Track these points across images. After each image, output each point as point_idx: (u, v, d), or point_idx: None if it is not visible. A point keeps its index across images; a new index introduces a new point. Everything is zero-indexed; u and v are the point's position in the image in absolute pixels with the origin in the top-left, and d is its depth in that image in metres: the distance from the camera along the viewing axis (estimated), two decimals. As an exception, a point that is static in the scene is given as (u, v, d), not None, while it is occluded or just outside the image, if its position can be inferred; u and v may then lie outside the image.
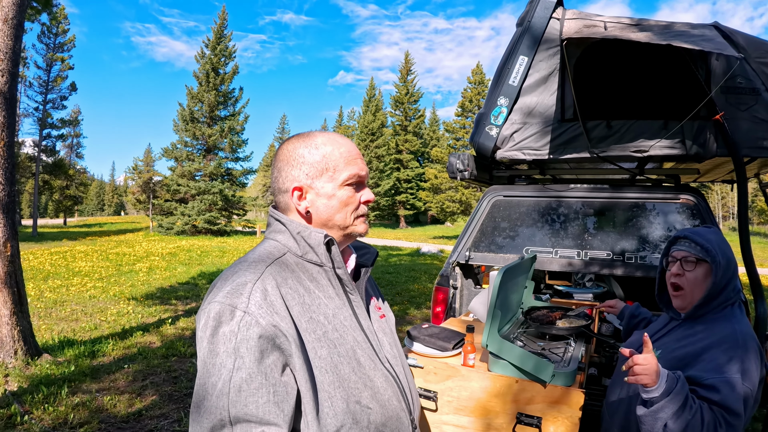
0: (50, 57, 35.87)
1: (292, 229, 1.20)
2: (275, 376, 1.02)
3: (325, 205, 1.22)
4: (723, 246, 1.84)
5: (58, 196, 41.40)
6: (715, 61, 3.38)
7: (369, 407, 1.12)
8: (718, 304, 1.82)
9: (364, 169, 1.26)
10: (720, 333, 1.75)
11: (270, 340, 1.02)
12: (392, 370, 1.23)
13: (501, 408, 1.85)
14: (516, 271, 2.26)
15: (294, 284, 1.13)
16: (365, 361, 1.15)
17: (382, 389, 1.16)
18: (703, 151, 3.38)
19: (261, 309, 1.03)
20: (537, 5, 3.66)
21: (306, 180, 1.22)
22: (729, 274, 1.81)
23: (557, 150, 3.59)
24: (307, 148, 1.23)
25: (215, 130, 34.37)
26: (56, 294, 10.75)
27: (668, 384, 1.57)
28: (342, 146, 1.24)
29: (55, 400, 4.81)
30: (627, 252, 3.43)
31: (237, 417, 0.98)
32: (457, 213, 39.94)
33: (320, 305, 1.14)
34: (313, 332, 1.09)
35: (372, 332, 1.24)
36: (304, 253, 1.19)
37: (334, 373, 1.09)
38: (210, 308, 1.04)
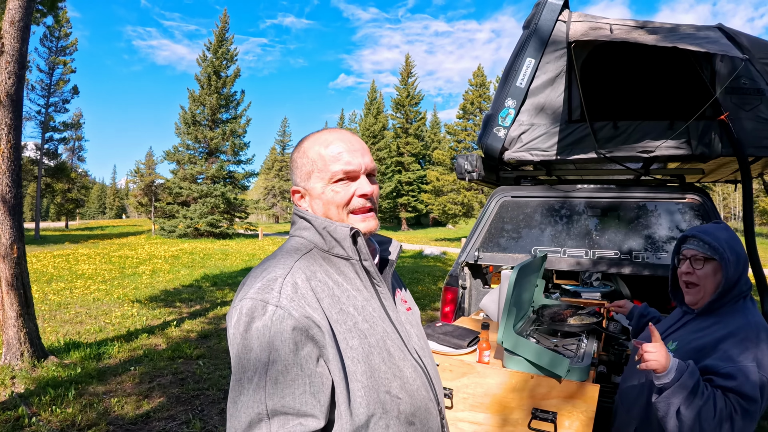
0: (52, 60, 35.91)
1: (317, 225, 1.21)
2: (311, 367, 1.03)
3: (318, 205, 1.24)
4: (731, 242, 1.88)
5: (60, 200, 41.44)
6: (719, 62, 3.41)
7: (399, 397, 1.13)
8: (731, 298, 1.87)
9: (353, 162, 1.22)
10: (734, 324, 1.81)
11: (303, 332, 1.03)
12: (420, 361, 1.24)
13: (516, 404, 1.87)
14: (528, 269, 2.29)
15: (323, 277, 1.14)
16: (395, 352, 1.17)
17: (411, 379, 1.17)
18: (709, 150, 3.41)
19: (293, 302, 1.04)
20: (543, 8, 3.69)
21: (301, 183, 1.26)
22: (740, 268, 1.85)
23: (565, 151, 3.61)
24: (298, 152, 1.27)
25: (217, 133, 34.40)
26: (60, 296, 10.78)
27: (678, 370, 1.66)
28: (330, 144, 1.23)
29: (62, 402, 4.83)
30: (634, 251, 3.45)
31: (275, 410, 0.98)
32: (458, 215, 39.94)
33: (349, 297, 1.16)
34: (344, 323, 1.11)
35: (400, 323, 1.25)
36: (331, 248, 1.20)
37: (365, 363, 1.10)
38: (242, 305, 1.05)
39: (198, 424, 4.38)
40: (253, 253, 21.94)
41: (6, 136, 5.84)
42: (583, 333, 2.34)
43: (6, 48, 5.86)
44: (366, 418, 1.08)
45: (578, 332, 2.32)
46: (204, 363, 6.18)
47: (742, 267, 1.86)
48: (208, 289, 12.05)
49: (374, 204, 1.27)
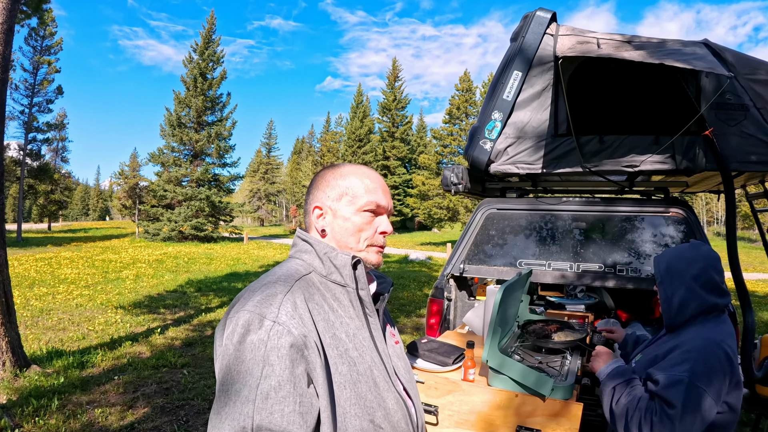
0: (37, 60, 35.52)
1: (319, 249, 1.24)
2: (302, 386, 1.03)
3: (341, 227, 1.27)
4: (676, 262, 2.05)
5: (42, 201, 40.90)
6: (705, 78, 3.47)
7: (381, 427, 1.14)
8: (687, 316, 1.99)
9: (385, 200, 1.31)
10: (684, 338, 1.95)
11: (300, 350, 1.04)
12: (404, 394, 1.26)
13: (501, 422, 1.88)
14: (513, 286, 2.30)
15: (320, 301, 1.16)
16: (380, 382, 1.18)
17: (393, 411, 1.18)
18: (693, 165, 3.46)
19: (293, 319, 1.06)
20: (531, 21, 3.72)
21: (327, 201, 1.29)
22: (682, 289, 2.00)
23: (550, 164, 3.65)
24: (333, 174, 1.31)
25: (202, 135, 34.26)
26: (42, 302, 10.65)
27: (606, 374, 2.05)
28: (366, 177, 1.31)
29: (45, 413, 4.76)
30: (619, 264, 3.49)
31: (260, 426, 0.97)
32: (444, 219, 40.08)
33: (342, 323, 1.17)
34: (336, 348, 1.12)
35: (387, 355, 1.27)
36: (329, 274, 1.22)
37: (352, 390, 1.11)
38: (239, 316, 1.05)
39: (182, 435, 4.35)
40: (238, 257, 21.83)
41: (-12, 140, 5.77)
42: (567, 350, 2.36)
43: (-11, 52, 5.79)
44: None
45: (563, 349, 2.34)
46: (189, 372, 6.14)
47: (686, 288, 1.98)
48: (193, 295, 11.97)
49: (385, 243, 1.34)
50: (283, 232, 51.79)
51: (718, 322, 1.97)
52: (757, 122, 3.39)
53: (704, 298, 1.97)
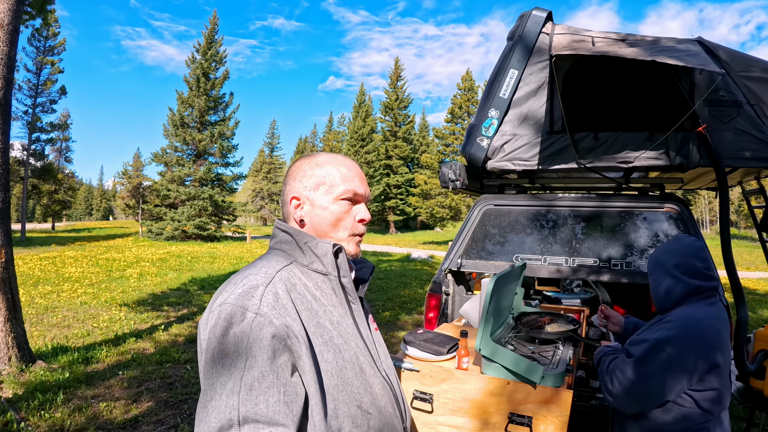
0: (40, 60, 35.71)
1: (299, 239, 1.25)
2: (286, 376, 1.04)
3: (319, 216, 1.28)
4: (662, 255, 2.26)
5: (46, 201, 41.13)
6: (698, 75, 3.51)
7: (369, 412, 1.16)
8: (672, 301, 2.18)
9: (362, 188, 1.32)
10: (669, 317, 2.12)
11: (282, 341, 1.05)
12: (388, 379, 1.28)
13: (494, 408, 1.94)
14: (507, 278, 2.36)
15: (302, 290, 1.18)
16: (366, 368, 1.20)
17: (380, 396, 1.21)
18: (687, 161, 3.51)
19: (274, 310, 1.07)
20: (527, 20, 3.78)
21: (304, 191, 1.30)
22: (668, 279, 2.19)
23: (546, 161, 3.70)
24: (309, 164, 1.32)
25: (205, 135, 34.37)
26: (47, 300, 10.74)
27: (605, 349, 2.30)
28: (342, 165, 1.32)
29: (50, 407, 4.84)
30: (613, 259, 3.55)
31: (246, 417, 0.98)
32: (446, 218, 40.13)
33: (326, 312, 1.19)
34: (321, 336, 1.14)
35: (371, 341, 1.30)
36: (310, 263, 1.24)
37: (339, 377, 1.13)
38: (221, 309, 1.06)
39: (186, 428, 4.42)
40: (241, 256, 21.92)
41: (-6, 140, 5.85)
42: (559, 340, 2.42)
43: (-6, 52, 5.87)
44: (338, 431, 1.10)
45: (555, 339, 2.40)
46: (192, 367, 6.21)
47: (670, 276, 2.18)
48: (196, 293, 12.05)
49: (365, 231, 1.36)
50: (285, 231, 51.75)
51: (706, 304, 2.11)
52: (750, 119, 3.43)
53: (687, 282, 2.13)
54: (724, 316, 2.09)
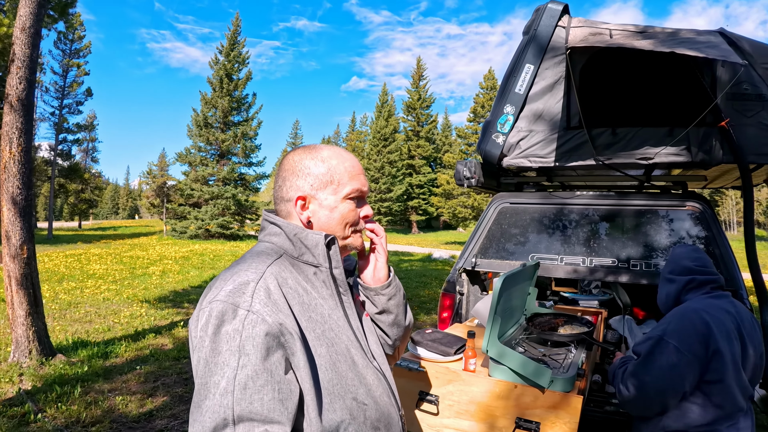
0: (66, 63, 36.40)
1: (288, 231, 1.22)
2: (280, 373, 1.02)
3: (327, 216, 1.25)
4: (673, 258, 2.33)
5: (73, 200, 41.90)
6: (720, 68, 3.38)
7: (365, 403, 1.15)
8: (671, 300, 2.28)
9: (366, 184, 1.30)
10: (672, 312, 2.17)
11: (275, 338, 1.03)
12: (380, 368, 1.27)
13: (501, 412, 1.88)
14: (518, 277, 2.29)
15: (293, 284, 1.15)
16: (358, 360, 1.19)
17: (374, 386, 1.20)
18: (709, 158, 3.38)
19: (266, 307, 1.04)
20: (543, 14, 3.69)
21: (310, 191, 1.25)
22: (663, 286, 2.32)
23: (563, 157, 3.61)
24: (313, 160, 1.27)
25: (228, 135, 34.66)
26: (71, 296, 10.91)
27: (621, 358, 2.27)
28: (347, 161, 1.28)
29: (68, 400, 4.90)
30: (632, 259, 3.43)
31: (241, 416, 0.96)
32: (469, 218, 39.87)
33: (317, 305, 1.17)
34: (313, 331, 1.12)
35: (360, 332, 1.27)
36: (300, 255, 1.21)
37: (333, 371, 1.11)
38: (212, 307, 1.04)
39: (199, 425, 4.42)
40: (263, 255, 22.01)
41: (17, 139, 5.94)
42: (572, 343, 2.34)
43: (17, 54, 5.96)
44: (335, 424, 1.08)
45: (567, 342, 2.32)
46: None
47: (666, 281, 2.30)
48: (217, 291, 12.12)
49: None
50: (307, 230, 52.03)
51: (708, 297, 2.15)
52: (775, 113, 3.29)
53: (679, 279, 2.23)
54: (732, 309, 2.09)
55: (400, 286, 1.47)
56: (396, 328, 1.47)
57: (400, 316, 1.46)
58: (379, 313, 1.44)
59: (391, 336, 1.47)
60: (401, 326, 1.48)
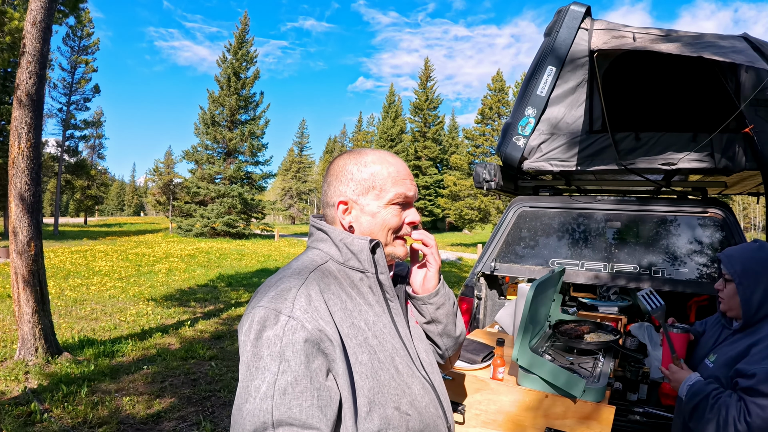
0: (75, 59, 36.50)
1: (334, 236, 1.22)
2: (320, 380, 1.02)
3: (369, 222, 1.24)
4: (751, 264, 2.01)
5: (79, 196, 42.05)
6: (744, 74, 3.33)
7: (408, 414, 1.12)
8: (762, 314, 1.97)
9: (412, 189, 1.27)
10: (764, 332, 1.93)
11: (315, 344, 1.03)
12: (428, 378, 1.23)
13: (530, 423, 1.83)
14: (546, 284, 2.24)
15: (336, 290, 1.14)
16: (403, 369, 1.16)
17: (419, 396, 1.17)
18: (732, 164, 3.33)
19: (306, 314, 1.04)
20: (565, 16, 3.63)
21: (352, 196, 1.24)
22: (760, 287, 1.96)
23: (585, 161, 3.55)
24: (356, 165, 1.26)
25: (236, 133, 34.67)
26: (76, 293, 10.89)
27: (688, 391, 1.94)
28: (391, 165, 1.26)
29: (74, 399, 4.87)
30: (654, 266, 3.38)
31: (280, 420, 0.97)
32: (475, 220, 39.81)
33: (361, 311, 1.15)
34: (355, 338, 1.11)
35: (409, 340, 1.25)
36: (346, 260, 1.20)
37: (374, 379, 1.09)
38: (254, 312, 1.06)
39: (208, 426, 4.38)
40: (269, 254, 22.03)
41: (26, 135, 5.92)
42: (599, 351, 2.28)
43: (27, 48, 5.94)
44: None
45: (595, 350, 2.26)
46: (216, 364, 6.19)
47: (763, 287, 1.96)
48: (223, 290, 12.11)
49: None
50: (312, 230, 52.08)
51: None
52: (800, 120, 3.23)
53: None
54: None
55: (450, 295, 1.43)
56: (446, 338, 1.44)
57: (450, 326, 1.43)
58: (427, 322, 1.40)
59: (441, 346, 1.44)
60: (452, 336, 1.45)
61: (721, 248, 3.27)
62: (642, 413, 2.67)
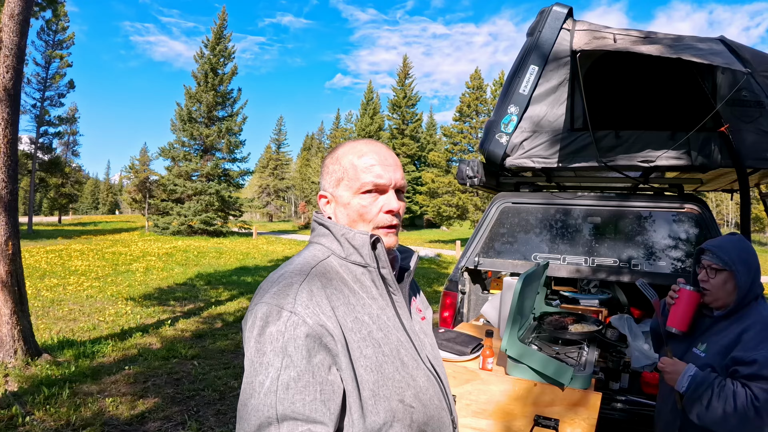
0: (49, 54, 35.67)
1: (336, 232, 1.22)
2: (322, 374, 1.03)
3: (343, 213, 1.24)
4: (742, 254, 2.12)
5: (53, 194, 41.16)
6: (721, 75, 3.45)
7: (412, 406, 1.13)
8: (747, 300, 2.09)
9: (384, 176, 1.23)
10: (751, 319, 2.05)
11: (317, 339, 1.04)
12: (434, 370, 1.24)
13: (519, 411, 1.88)
14: (531, 277, 2.30)
15: (339, 285, 1.15)
16: (408, 361, 1.17)
17: (424, 388, 1.18)
18: (708, 162, 3.45)
19: (307, 309, 1.05)
20: (548, 16, 3.72)
21: (329, 188, 1.26)
22: (751, 275, 2.08)
23: (566, 159, 3.64)
24: (331, 157, 1.28)
25: (213, 130, 34.32)
26: (53, 293, 10.72)
27: (689, 382, 1.97)
28: (364, 154, 1.24)
29: (56, 402, 4.81)
30: (633, 259, 3.48)
31: (284, 415, 0.98)
32: (453, 217, 40.00)
33: (365, 305, 1.16)
34: (358, 332, 1.11)
35: (414, 332, 1.25)
36: (348, 255, 1.20)
37: (378, 372, 1.10)
38: (257, 309, 1.07)
39: (194, 426, 4.37)
40: (247, 252, 21.90)
41: (2, 131, 5.82)
42: (584, 341, 2.36)
43: (5, 42, 5.83)
44: (377, 426, 1.08)
45: (580, 340, 2.34)
46: (199, 363, 6.17)
47: (753, 274, 2.09)
48: (202, 288, 12.03)
49: (399, 220, 1.27)
50: (291, 228, 51.84)
51: (764, 302, 2.13)
52: (773, 119, 3.37)
53: (760, 285, 2.13)
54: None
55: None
56: None
57: None
58: None
59: None
60: None
61: (698, 242, 3.38)
62: (624, 401, 2.76)
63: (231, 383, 5.46)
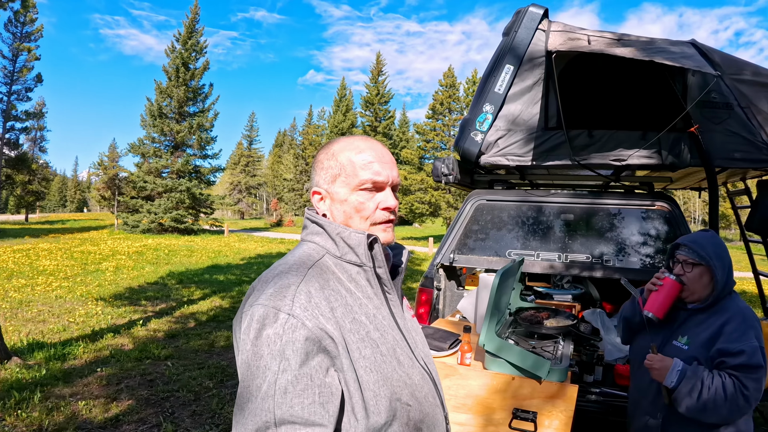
0: (17, 47, 34.61)
1: (330, 230, 1.20)
2: (320, 377, 1.03)
3: (339, 210, 1.23)
4: (717, 249, 2.20)
5: (20, 192, 40.17)
6: (691, 77, 3.56)
7: (409, 404, 1.14)
8: (724, 294, 2.18)
9: (383, 174, 1.23)
10: (730, 312, 2.14)
11: (316, 342, 1.03)
12: (427, 368, 1.25)
13: (498, 404, 1.92)
14: (509, 273, 2.34)
15: (336, 286, 1.14)
16: (404, 360, 1.17)
17: (419, 386, 1.18)
18: (678, 161, 3.55)
19: (306, 311, 1.04)
20: (524, 17, 3.77)
21: (324, 185, 1.24)
22: (726, 270, 2.17)
23: (540, 157, 3.71)
24: (326, 153, 1.26)
25: (184, 126, 33.79)
26: (21, 294, 10.46)
27: (678, 377, 2.02)
28: (362, 151, 1.24)
29: (27, 406, 4.69)
30: (605, 255, 3.57)
31: (282, 419, 0.98)
32: (425, 214, 40.15)
33: (361, 305, 1.15)
34: (357, 333, 1.10)
35: (408, 331, 1.25)
36: (343, 254, 1.19)
37: (377, 372, 1.10)
38: (253, 311, 1.05)
39: (169, 428, 4.33)
40: (219, 250, 21.67)
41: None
42: (559, 335, 2.41)
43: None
44: (379, 426, 1.08)
45: (555, 334, 2.39)
46: (173, 364, 6.10)
47: (727, 269, 2.18)
48: (174, 287, 11.88)
49: (395, 217, 1.27)
50: (263, 225, 51.46)
51: (737, 296, 2.23)
52: (740, 121, 3.49)
53: (733, 278, 2.21)
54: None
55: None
56: None
57: None
58: None
59: None
60: None
61: (667, 239, 3.48)
62: (599, 393, 2.84)
63: (206, 383, 5.41)
